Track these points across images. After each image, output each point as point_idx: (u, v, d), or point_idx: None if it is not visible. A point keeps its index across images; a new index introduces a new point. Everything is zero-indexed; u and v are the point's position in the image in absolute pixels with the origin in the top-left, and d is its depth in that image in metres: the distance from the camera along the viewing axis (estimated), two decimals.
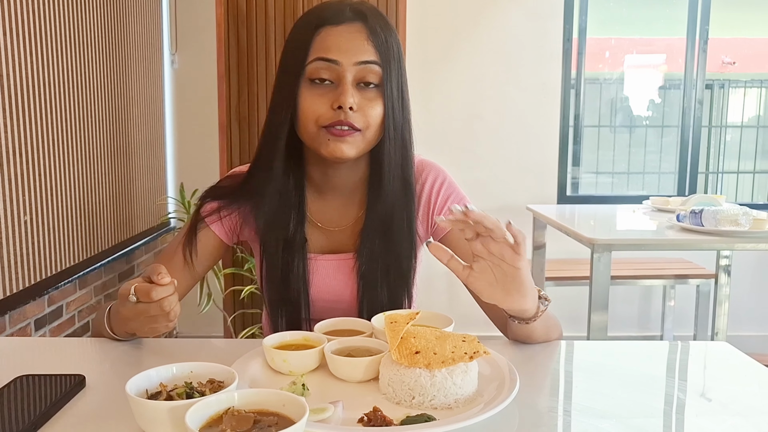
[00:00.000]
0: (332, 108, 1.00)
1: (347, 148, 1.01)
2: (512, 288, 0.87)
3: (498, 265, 0.85)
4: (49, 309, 2.12)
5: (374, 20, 1.03)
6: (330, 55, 0.99)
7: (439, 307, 3.32)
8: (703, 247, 2.42)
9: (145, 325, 0.88)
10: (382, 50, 1.01)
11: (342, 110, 0.99)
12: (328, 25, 1.01)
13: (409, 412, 0.75)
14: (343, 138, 1.01)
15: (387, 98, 1.02)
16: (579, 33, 3.54)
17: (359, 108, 1.00)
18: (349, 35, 1.00)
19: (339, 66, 0.99)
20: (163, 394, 0.71)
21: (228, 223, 1.14)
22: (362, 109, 1.01)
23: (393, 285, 1.11)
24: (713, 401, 0.84)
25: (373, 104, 1.02)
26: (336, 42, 1.00)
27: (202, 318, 2.91)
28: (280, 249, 1.10)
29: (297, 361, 0.87)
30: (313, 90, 1.01)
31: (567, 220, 2.68)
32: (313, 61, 1.00)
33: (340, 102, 0.99)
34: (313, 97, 1.01)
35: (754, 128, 4.12)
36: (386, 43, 1.02)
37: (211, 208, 1.14)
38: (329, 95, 1.00)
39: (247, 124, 2.77)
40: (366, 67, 1.00)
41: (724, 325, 3.14)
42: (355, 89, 1.01)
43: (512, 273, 0.85)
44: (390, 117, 1.03)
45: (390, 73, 1.02)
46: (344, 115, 0.99)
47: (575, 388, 0.89)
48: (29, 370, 0.87)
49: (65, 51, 2.15)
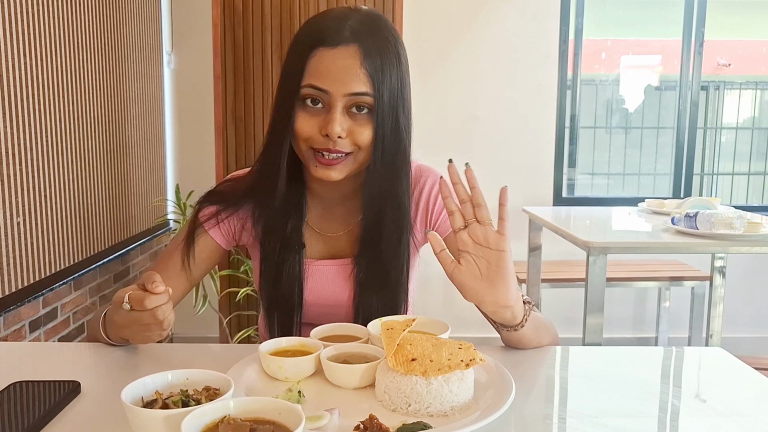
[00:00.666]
0: (320, 134, 0.99)
1: (335, 174, 1.02)
2: (497, 278, 0.89)
3: (482, 257, 0.88)
4: (44, 311, 2.11)
5: (373, 41, 0.99)
6: (321, 84, 0.98)
7: (435, 308, 3.35)
8: (697, 250, 2.43)
9: (138, 333, 0.88)
10: (375, 78, 0.98)
11: (329, 138, 0.99)
12: (322, 46, 0.98)
13: (405, 419, 0.75)
14: (330, 166, 1.01)
15: (378, 126, 1.00)
16: (575, 34, 3.55)
17: (349, 133, 1.00)
18: (342, 62, 0.98)
19: (329, 95, 0.98)
20: (158, 402, 0.71)
21: (226, 227, 1.14)
22: (352, 133, 1.00)
23: (389, 291, 1.11)
24: (707, 407, 0.84)
25: (364, 129, 1.00)
26: (327, 69, 0.98)
27: (197, 320, 2.91)
28: (277, 250, 1.10)
29: (293, 367, 0.86)
30: (305, 111, 1.00)
31: (563, 222, 2.69)
32: (306, 86, 0.99)
33: (327, 131, 0.98)
34: (304, 119, 1.00)
35: (749, 130, 4.14)
36: (381, 70, 0.99)
37: (209, 213, 1.14)
38: (320, 118, 1.00)
39: (243, 125, 2.77)
40: (356, 97, 0.98)
41: (719, 327, 3.15)
42: (345, 115, 0.99)
43: (496, 258, 0.88)
44: (379, 145, 1.02)
45: (382, 100, 0.99)
46: (332, 143, 0.99)
47: (570, 395, 0.89)
48: (24, 376, 0.87)
49: (61, 50, 2.14)
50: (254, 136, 2.77)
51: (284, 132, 1.02)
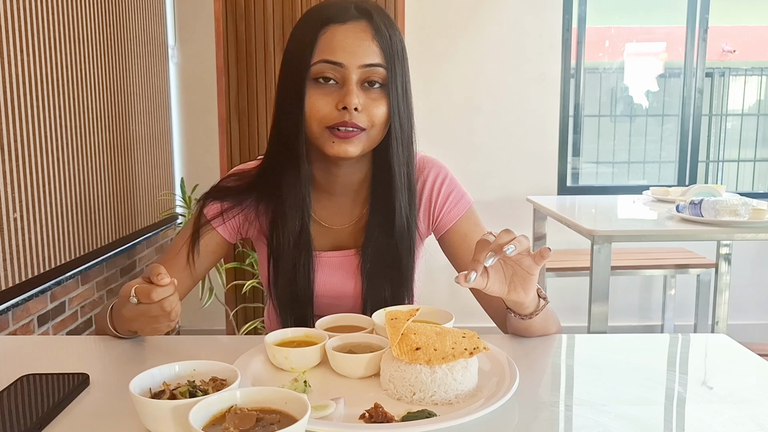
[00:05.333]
0: (337, 108, 1.00)
1: (352, 148, 1.02)
2: (518, 286, 0.90)
3: (511, 266, 0.89)
4: (52, 305, 2.13)
5: (379, 18, 1.02)
6: (335, 57, 0.99)
7: (440, 299, 3.36)
8: (702, 237, 2.43)
9: (146, 326, 0.89)
10: (386, 50, 1.01)
11: (347, 111, 0.99)
12: (332, 23, 1.00)
13: (410, 408, 0.76)
14: (348, 139, 1.01)
15: (392, 98, 1.02)
16: (578, 22, 3.53)
17: (363, 108, 1.00)
18: (354, 35, 1.00)
19: (344, 68, 0.99)
20: (166, 393, 0.72)
21: (231, 222, 1.14)
22: (366, 108, 1.01)
23: (395, 282, 1.11)
24: (712, 393, 0.85)
25: (378, 104, 1.02)
26: (341, 42, 0.99)
27: (204, 312, 2.92)
28: (289, 248, 1.10)
29: (298, 357, 0.87)
30: (317, 90, 1.01)
31: (567, 212, 2.68)
32: (318, 62, 0.99)
33: (345, 103, 0.99)
34: (317, 97, 1.00)
35: (754, 116, 4.12)
36: (391, 42, 1.02)
37: (214, 208, 1.14)
38: (334, 95, 1.00)
39: (246, 119, 2.77)
40: (371, 69, 1.00)
41: (725, 314, 3.15)
42: (360, 89, 1.00)
43: (524, 276, 0.89)
44: (396, 116, 1.04)
45: (395, 73, 1.02)
46: (349, 115, 0.99)
47: (576, 382, 0.89)
48: (33, 369, 0.88)
49: (64, 45, 2.14)
50: (258, 129, 2.77)
51: (297, 114, 1.02)
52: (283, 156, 1.07)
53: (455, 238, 1.16)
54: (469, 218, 1.17)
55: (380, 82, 1.02)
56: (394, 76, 1.02)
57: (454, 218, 1.16)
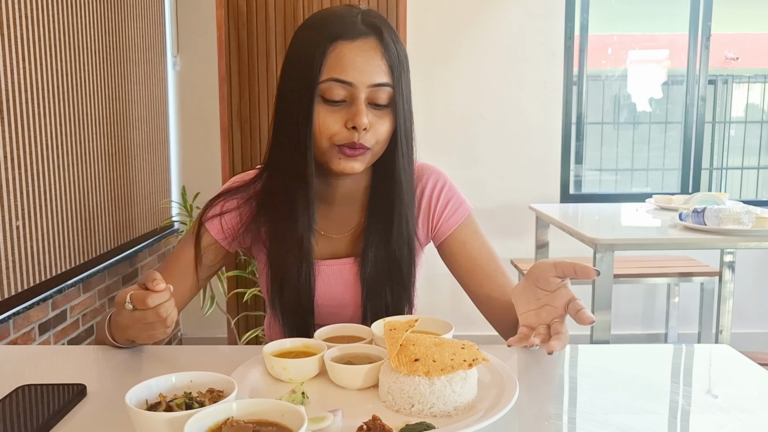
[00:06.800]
0: (346, 127, 1.00)
1: (358, 165, 1.02)
2: (538, 304, 0.95)
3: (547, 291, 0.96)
4: (53, 313, 2.13)
5: (387, 33, 1.01)
6: (344, 77, 0.98)
7: (442, 307, 3.34)
8: (705, 246, 2.42)
9: (142, 332, 0.89)
10: (395, 68, 1.01)
11: (356, 130, 0.99)
12: (341, 40, 0.99)
13: (408, 420, 0.75)
14: (355, 158, 1.01)
15: (398, 116, 1.03)
16: (581, 30, 3.53)
17: (370, 126, 1.00)
18: (364, 53, 0.99)
19: (353, 87, 0.99)
20: (162, 405, 0.71)
21: (232, 233, 1.14)
22: (373, 126, 1.01)
23: (395, 289, 1.11)
24: (715, 405, 0.84)
25: (383, 121, 1.02)
26: (352, 62, 0.98)
27: (205, 321, 2.92)
28: (290, 258, 1.09)
29: (297, 368, 0.86)
30: (326, 107, 1.00)
31: (570, 219, 2.68)
32: (327, 80, 0.99)
33: (355, 123, 0.98)
34: (326, 114, 1.00)
35: (758, 123, 4.10)
36: (398, 59, 1.01)
37: (214, 218, 1.13)
38: (342, 113, 1.00)
39: (248, 126, 2.77)
40: (379, 89, 1.00)
41: (729, 323, 3.13)
42: (367, 108, 1.00)
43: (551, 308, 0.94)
44: (401, 132, 1.04)
45: (401, 89, 1.02)
46: (358, 135, 0.99)
47: (578, 394, 0.88)
48: (30, 380, 0.87)
49: (64, 53, 2.15)
50: (259, 136, 2.78)
51: (305, 130, 1.01)
52: (286, 169, 1.06)
53: (454, 245, 1.15)
54: (468, 225, 1.16)
55: (387, 101, 1.01)
56: (401, 93, 1.02)
57: (453, 225, 1.15)
